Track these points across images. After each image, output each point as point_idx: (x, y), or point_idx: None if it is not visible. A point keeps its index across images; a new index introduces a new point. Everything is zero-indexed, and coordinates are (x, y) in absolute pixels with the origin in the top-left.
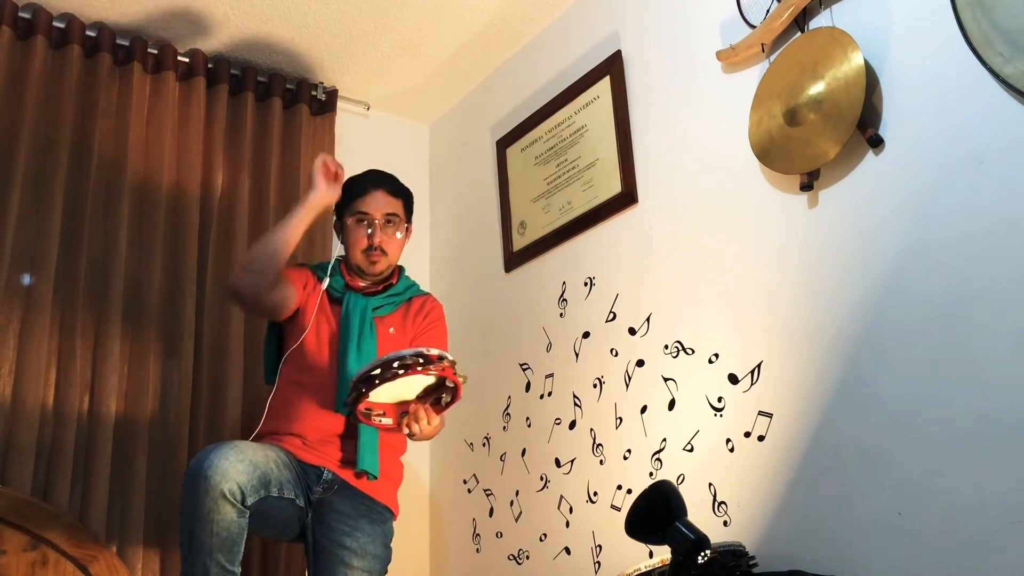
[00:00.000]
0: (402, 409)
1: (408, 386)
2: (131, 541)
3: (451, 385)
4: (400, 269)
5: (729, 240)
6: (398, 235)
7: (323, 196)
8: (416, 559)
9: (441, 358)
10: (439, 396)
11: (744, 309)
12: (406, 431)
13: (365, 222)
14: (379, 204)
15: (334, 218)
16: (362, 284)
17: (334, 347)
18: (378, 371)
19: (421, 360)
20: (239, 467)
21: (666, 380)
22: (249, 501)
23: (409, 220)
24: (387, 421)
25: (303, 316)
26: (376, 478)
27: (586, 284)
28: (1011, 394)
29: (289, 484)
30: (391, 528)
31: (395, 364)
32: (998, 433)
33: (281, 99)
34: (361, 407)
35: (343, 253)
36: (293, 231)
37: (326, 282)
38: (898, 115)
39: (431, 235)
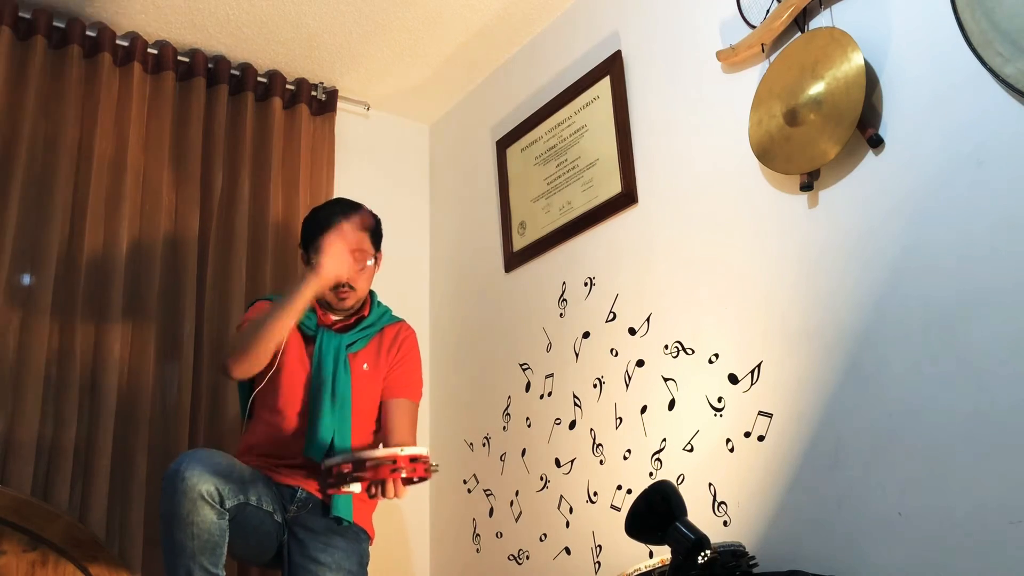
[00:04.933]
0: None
1: None
2: (131, 541)
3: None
4: (372, 296)
5: (729, 240)
6: (369, 263)
7: (326, 278)
8: (416, 559)
9: (414, 460)
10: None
11: (744, 309)
12: (370, 496)
13: None
14: (347, 240)
15: (301, 251)
16: (334, 319)
17: (307, 388)
18: (349, 469)
19: (393, 463)
20: (216, 469)
21: (666, 380)
22: (228, 504)
23: (378, 248)
24: (356, 488)
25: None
26: (351, 523)
27: (586, 284)
28: (1011, 394)
29: (267, 498)
30: (367, 550)
31: (367, 464)
32: (998, 433)
33: (281, 99)
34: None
35: None
36: (291, 319)
37: None
38: (898, 115)
39: (431, 235)
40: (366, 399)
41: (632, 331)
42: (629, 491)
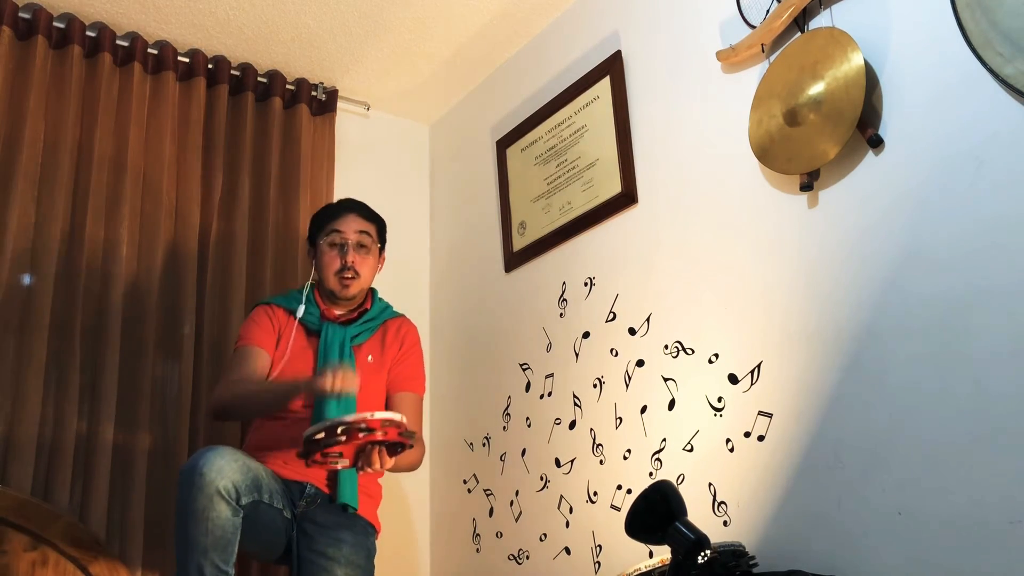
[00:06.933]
0: (359, 446)
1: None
2: (131, 541)
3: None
4: (373, 292)
5: (729, 240)
6: (370, 257)
7: (319, 388)
8: (416, 559)
9: (385, 424)
10: (393, 444)
11: (744, 309)
12: (357, 469)
13: (338, 243)
14: (352, 224)
15: (308, 246)
16: (338, 313)
17: None
18: (322, 435)
19: (363, 426)
20: (234, 466)
21: (666, 380)
22: (243, 501)
23: (382, 247)
24: (344, 463)
25: (278, 351)
26: (356, 510)
27: (586, 284)
28: (1011, 394)
29: (278, 494)
30: (374, 544)
31: (339, 430)
32: (998, 433)
33: (281, 99)
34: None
35: (315, 280)
36: (280, 403)
37: (301, 310)
38: (898, 115)
39: (431, 235)
40: (371, 390)
41: (632, 331)
42: (629, 491)
